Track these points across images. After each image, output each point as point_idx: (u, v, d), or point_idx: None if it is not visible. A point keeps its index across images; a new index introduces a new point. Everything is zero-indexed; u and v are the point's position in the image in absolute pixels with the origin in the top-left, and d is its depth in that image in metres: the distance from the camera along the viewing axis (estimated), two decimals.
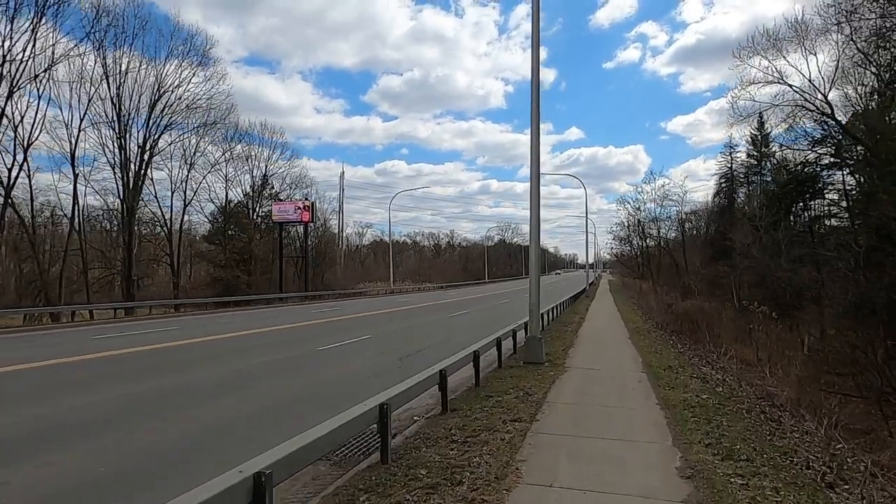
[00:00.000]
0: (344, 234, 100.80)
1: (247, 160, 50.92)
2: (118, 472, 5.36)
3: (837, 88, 37.25)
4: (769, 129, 55.86)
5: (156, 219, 45.56)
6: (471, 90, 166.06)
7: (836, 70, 36.77)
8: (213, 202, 50.56)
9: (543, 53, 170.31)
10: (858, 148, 37.58)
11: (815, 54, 36.66)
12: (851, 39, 32.81)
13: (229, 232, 53.37)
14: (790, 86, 39.09)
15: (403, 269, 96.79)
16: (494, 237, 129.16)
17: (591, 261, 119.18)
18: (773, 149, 55.69)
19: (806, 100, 38.07)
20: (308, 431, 4.32)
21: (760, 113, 59.15)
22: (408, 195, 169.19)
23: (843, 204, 41.92)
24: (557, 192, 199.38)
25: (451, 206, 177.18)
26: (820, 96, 37.82)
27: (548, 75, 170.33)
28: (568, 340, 15.18)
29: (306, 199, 51.63)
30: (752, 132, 58.98)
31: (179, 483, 4.24)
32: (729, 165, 59.43)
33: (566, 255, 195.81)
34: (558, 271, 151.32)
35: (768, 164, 57.96)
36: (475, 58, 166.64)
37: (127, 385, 9.37)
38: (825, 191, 43.07)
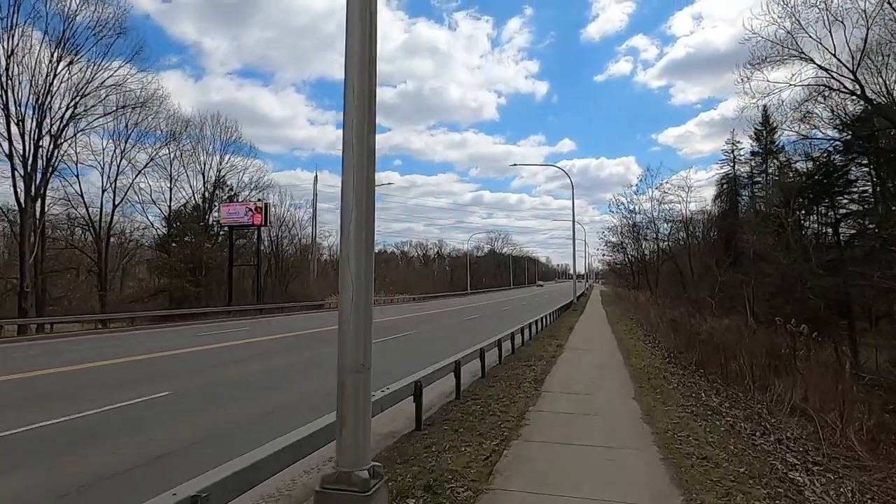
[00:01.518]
0: (325, 243, 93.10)
1: (193, 150, 43.12)
2: None
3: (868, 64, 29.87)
4: (774, 124, 48.52)
5: (82, 222, 37.78)
6: (464, 102, 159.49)
7: (864, 44, 29.27)
8: (156, 204, 42.71)
9: (535, 66, 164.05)
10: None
11: (842, 22, 29.27)
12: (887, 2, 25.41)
13: (185, 238, 45.69)
14: (811, 60, 31.61)
15: (388, 280, 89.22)
16: (484, 247, 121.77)
17: (582, 270, 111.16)
18: (781, 143, 48.29)
19: (831, 76, 30.50)
20: None
21: (765, 107, 51.35)
22: (402, 207, 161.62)
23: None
24: (550, 202, 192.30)
25: (444, 217, 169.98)
26: (846, 73, 30.25)
27: (540, 88, 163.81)
28: (514, 412, 7.20)
29: (259, 199, 43.83)
30: (757, 127, 51.71)
31: None
32: (731, 164, 51.74)
33: (558, 265, 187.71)
34: (540, 283, 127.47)
35: (775, 162, 50.52)
36: (468, 70, 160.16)
37: None
38: (851, 186, 35.38)
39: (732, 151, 51.30)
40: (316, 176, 77.13)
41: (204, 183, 45.47)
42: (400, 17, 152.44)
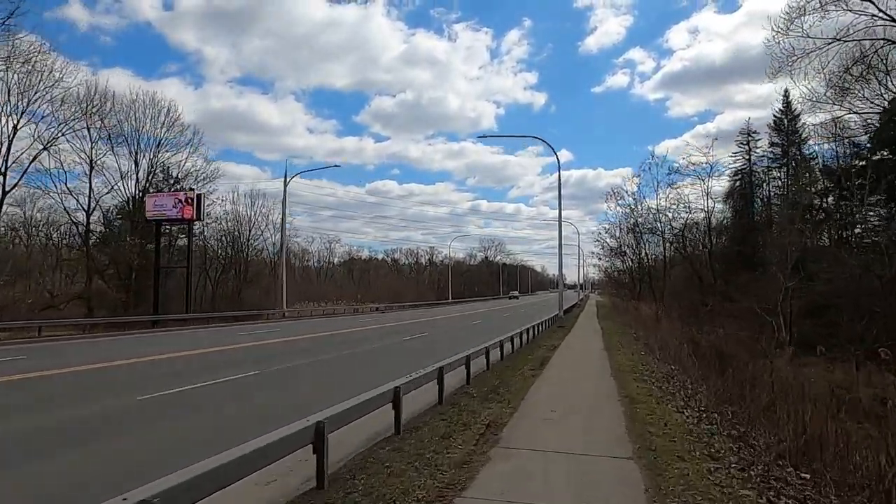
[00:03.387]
0: (313, 247, 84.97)
1: (121, 130, 34.75)
2: None
3: None
4: (797, 110, 39.86)
5: None
6: (462, 112, 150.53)
7: None
8: (72, 194, 34.29)
9: (534, 78, 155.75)
10: None
11: None
12: None
13: (128, 239, 37.37)
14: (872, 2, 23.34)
15: (371, 288, 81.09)
16: (477, 255, 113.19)
17: (573, 280, 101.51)
18: (805, 133, 39.66)
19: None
20: None
21: (786, 91, 42.77)
22: (400, 216, 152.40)
23: None
24: (547, 213, 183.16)
25: (441, 226, 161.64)
26: None
27: (538, 99, 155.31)
28: None
29: (190, 188, 35.30)
30: (776, 115, 42.96)
31: None
32: (746, 157, 42.71)
33: (553, 275, 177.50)
34: (514, 293, 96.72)
35: (798, 153, 41.66)
36: (467, 81, 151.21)
37: None
38: None
39: (748, 143, 42.37)
40: (286, 173, 69.39)
41: (136, 171, 37.03)
42: (399, 28, 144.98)
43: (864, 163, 24.63)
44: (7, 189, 29.58)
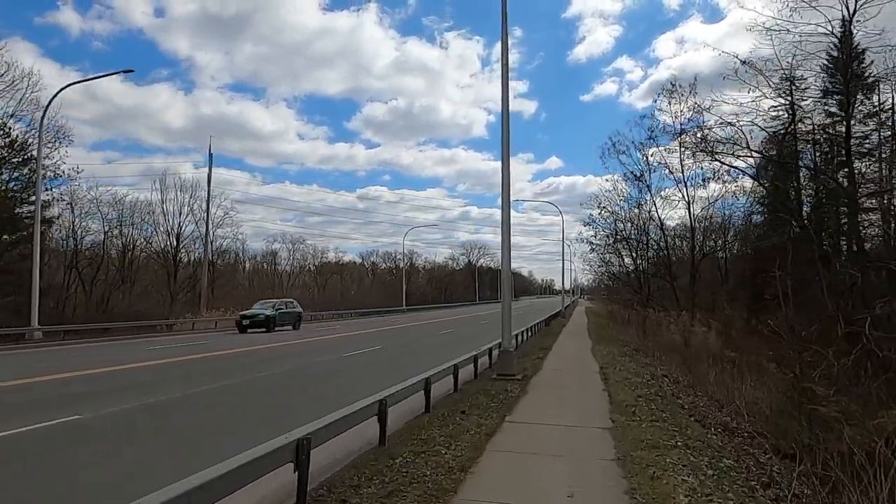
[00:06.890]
0: (289, 250, 72.54)
1: None
2: None
3: None
4: (859, 43, 27.43)
5: None
6: (454, 119, 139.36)
7: None
8: None
9: (524, 86, 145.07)
10: None
11: None
12: None
13: None
14: None
15: (337, 293, 68.83)
16: (460, 259, 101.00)
17: (560, 280, 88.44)
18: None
19: None
20: None
21: (844, 19, 30.05)
22: (390, 223, 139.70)
23: None
24: (537, 219, 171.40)
25: (431, 233, 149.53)
26: None
27: (528, 106, 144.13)
28: None
29: None
30: (830, 53, 30.23)
31: None
32: (790, 112, 29.84)
33: (543, 280, 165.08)
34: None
35: (866, 101, 29.03)
36: (459, 88, 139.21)
37: None
38: None
39: (791, 93, 29.35)
40: (209, 146, 56.72)
41: None
42: (391, 36, 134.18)
43: None
44: None
